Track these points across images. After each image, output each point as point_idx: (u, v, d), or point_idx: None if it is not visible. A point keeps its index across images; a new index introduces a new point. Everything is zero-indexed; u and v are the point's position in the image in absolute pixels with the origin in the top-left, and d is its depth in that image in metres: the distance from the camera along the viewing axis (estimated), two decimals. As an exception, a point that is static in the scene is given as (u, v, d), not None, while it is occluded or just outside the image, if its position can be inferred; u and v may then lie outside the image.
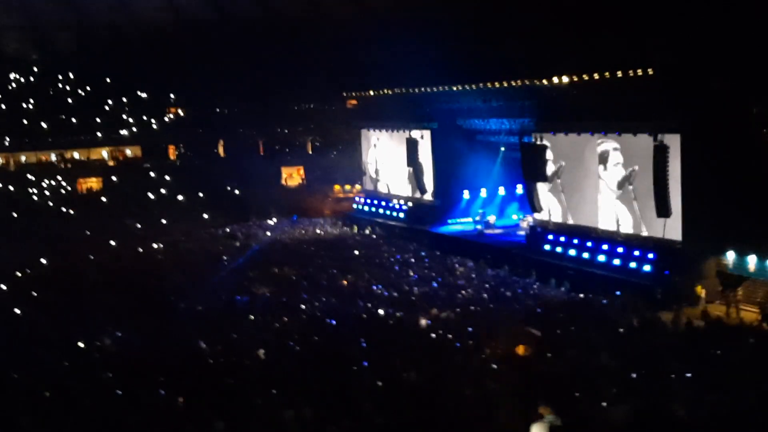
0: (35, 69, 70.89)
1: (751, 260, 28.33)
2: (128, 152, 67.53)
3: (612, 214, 33.82)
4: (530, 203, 38.08)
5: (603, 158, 33.88)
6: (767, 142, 30.57)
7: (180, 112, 71.93)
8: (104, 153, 66.75)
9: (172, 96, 71.59)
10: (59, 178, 61.67)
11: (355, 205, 55.03)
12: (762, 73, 29.10)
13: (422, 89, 46.06)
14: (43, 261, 41.69)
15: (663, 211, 30.17)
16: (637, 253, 31.90)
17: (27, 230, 49.44)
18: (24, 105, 67.52)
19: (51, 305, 31.72)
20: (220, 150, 69.83)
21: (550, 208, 37.37)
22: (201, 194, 59.63)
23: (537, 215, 38.24)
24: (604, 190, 34.09)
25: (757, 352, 21.84)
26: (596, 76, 33.22)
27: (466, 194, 45.40)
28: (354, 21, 70.67)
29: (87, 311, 30.51)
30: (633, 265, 31.85)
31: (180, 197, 59.56)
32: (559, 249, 35.75)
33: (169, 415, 18.44)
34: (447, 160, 45.38)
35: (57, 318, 29.54)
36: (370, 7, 73.71)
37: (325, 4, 77.55)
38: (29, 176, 61.03)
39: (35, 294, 34.18)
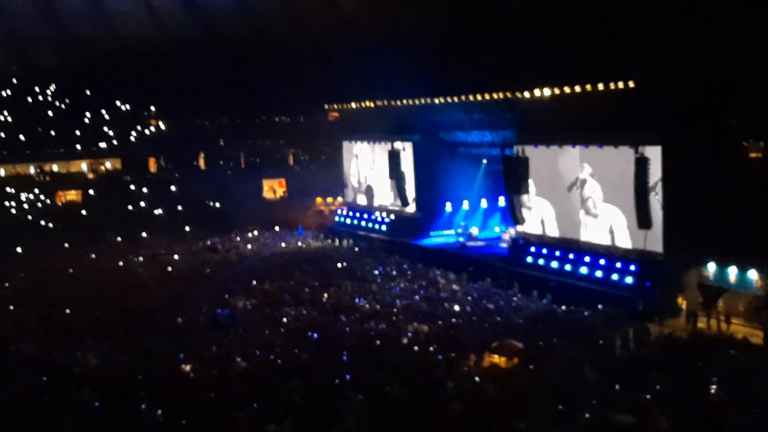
0: (14, 81, 70.36)
1: (732, 272, 28.45)
2: (108, 165, 67.12)
3: (593, 225, 33.95)
4: (512, 215, 38.13)
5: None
6: (747, 155, 30.84)
7: (161, 124, 71.62)
8: (84, 166, 66.32)
9: (152, 108, 71.29)
10: (38, 191, 61.15)
11: (336, 218, 54.91)
12: (741, 87, 29.36)
13: (404, 102, 46.08)
14: (22, 275, 41.29)
15: (644, 222, 30.29)
16: (618, 265, 31.94)
17: (4, 244, 49.04)
18: (2, 117, 66.96)
19: (29, 319, 31.39)
20: (201, 163, 69.56)
21: (533, 219, 37.43)
22: (181, 207, 59.33)
23: (519, 227, 38.29)
24: (586, 200, 34.23)
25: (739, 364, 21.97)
26: (577, 88, 33.31)
27: (448, 206, 45.39)
28: (336, 34, 70.77)
29: (66, 325, 30.25)
30: (615, 277, 31.89)
31: (160, 210, 59.24)
32: (541, 261, 35.76)
33: (150, 430, 18.27)
34: (429, 172, 45.35)
35: (35, 332, 29.23)
36: (352, 21, 73.91)
37: (307, 17, 77.68)
38: (7, 189, 60.48)
39: (12, 308, 33.84)
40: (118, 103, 69.93)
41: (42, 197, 60.92)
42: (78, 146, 66.09)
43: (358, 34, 66.93)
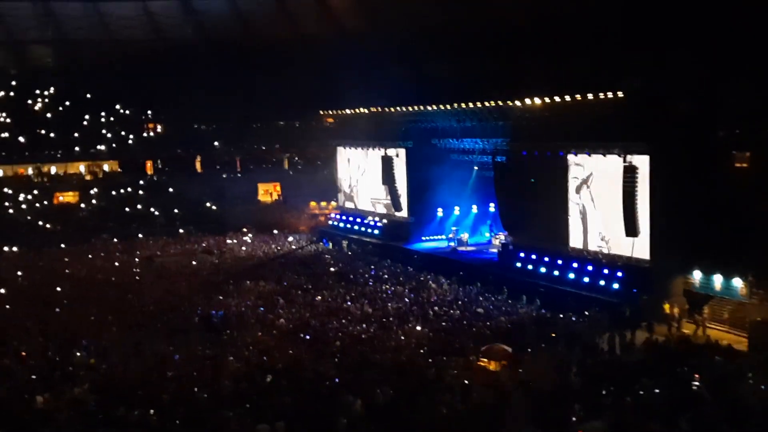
0: (13, 83, 70.66)
1: (717, 279, 28.93)
2: (106, 167, 67.42)
3: (581, 231, 34.42)
4: (502, 221, 38.59)
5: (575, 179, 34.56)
6: (733, 164, 31.29)
7: (158, 127, 72.11)
8: (81, 167, 66.67)
9: (150, 112, 71.74)
10: (36, 192, 61.45)
11: (330, 222, 55.42)
12: (728, 98, 29.86)
13: (398, 109, 46.60)
14: (19, 274, 41.65)
15: (631, 230, 30.74)
16: (606, 271, 32.44)
17: (2, 243, 49.41)
18: (1, 119, 67.25)
19: (25, 318, 31.71)
20: (198, 166, 69.96)
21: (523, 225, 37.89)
22: (178, 210, 59.75)
23: (509, 233, 38.73)
24: (573, 207, 34.70)
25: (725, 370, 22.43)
26: (567, 98, 33.82)
27: (439, 212, 45.86)
28: (331, 41, 71.35)
29: (62, 325, 30.58)
30: (602, 283, 32.38)
31: (157, 212, 59.64)
32: (530, 266, 36.23)
33: (143, 429, 18.63)
34: (421, 178, 45.79)
35: (31, 331, 29.58)
36: (347, 29, 74.56)
37: (302, 24, 78.40)
38: (6, 190, 60.79)
39: (8, 307, 34.20)
40: (117, 106, 70.26)
41: (40, 198, 61.13)
42: (76, 148, 66.44)
43: (354, 41, 67.46)
